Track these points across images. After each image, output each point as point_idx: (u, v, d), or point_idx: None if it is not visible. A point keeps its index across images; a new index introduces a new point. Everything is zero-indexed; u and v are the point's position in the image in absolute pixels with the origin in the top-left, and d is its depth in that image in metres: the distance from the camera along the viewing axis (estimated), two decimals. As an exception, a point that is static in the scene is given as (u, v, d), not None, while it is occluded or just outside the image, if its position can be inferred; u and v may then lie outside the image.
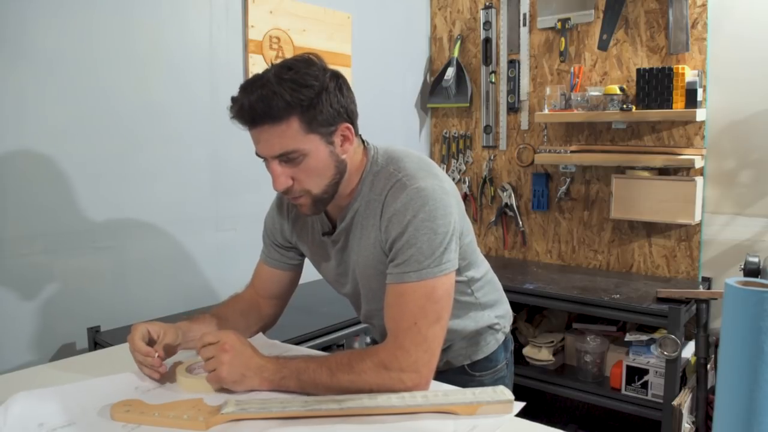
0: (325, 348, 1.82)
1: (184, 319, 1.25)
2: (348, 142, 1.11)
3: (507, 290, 2.33)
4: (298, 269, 1.36)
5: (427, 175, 1.11)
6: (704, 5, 2.27)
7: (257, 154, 1.08)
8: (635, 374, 2.14)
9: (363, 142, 1.19)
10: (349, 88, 1.10)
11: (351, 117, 1.10)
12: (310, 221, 1.26)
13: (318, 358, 1.06)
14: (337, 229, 1.19)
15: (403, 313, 1.04)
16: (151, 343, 1.12)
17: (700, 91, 2.24)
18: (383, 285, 1.13)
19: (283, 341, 1.35)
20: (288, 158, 1.05)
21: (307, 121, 1.03)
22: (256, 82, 1.03)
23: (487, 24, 2.79)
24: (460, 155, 2.96)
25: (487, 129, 2.86)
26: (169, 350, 1.15)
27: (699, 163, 2.27)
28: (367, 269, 1.17)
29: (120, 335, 1.64)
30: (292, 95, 1.01)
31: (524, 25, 2.70)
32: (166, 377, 1.10)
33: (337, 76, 1.08)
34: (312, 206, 1.12)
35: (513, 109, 2.77)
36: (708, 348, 2.05)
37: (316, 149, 1.06)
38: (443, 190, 1.09)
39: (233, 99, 1.05)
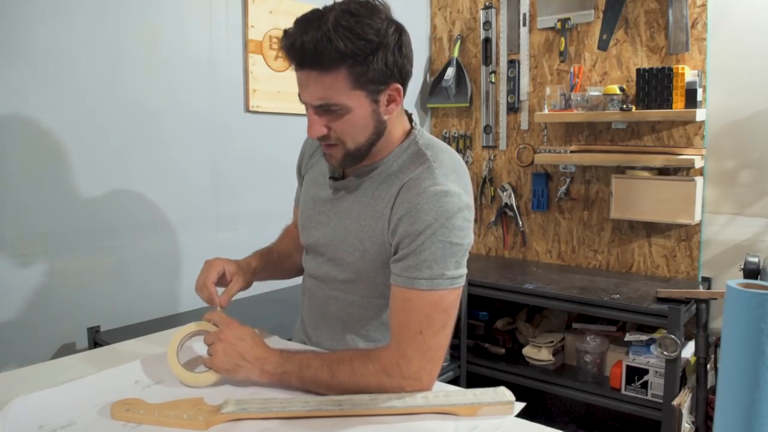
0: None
1: (256, 255, 1.32)
2: (394, 103, 1.05)
3: (507, 290, 2.38)
4: None
5: (458, 179, 1.07)
6: (704, 5, 2.27)
7: (299, 96, 1.04)
8: (635, 374, 2.14)
9: (410, 120, 1.14)
10: (409, 46, 1.05)
11: (404, 78, 1.05)
12: (323, 162, 1.23)
13: (321, 356, 1.05)
14: (345, 179, 1.15)
15: (409, 321, 1.02)
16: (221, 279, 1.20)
17: (699, 91, 2.24)
18: (355, 262, 1.12)
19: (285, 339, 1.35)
20: (328, 110, 1.00)
21: (356, 75, 0.97)
22: (313, 21, 0.96)
23: (487, 24, 2.79)
24: (460, 155, 2.95)
25: (487, 129, 2.86)
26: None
27: (699, 163, 2.27)
28: (353, 239, 1.12)
29: (120, 335, 1.64)
30: (347, 46, 0.94)
31: (524, 25, 2.70)
32: (166, 371, 1.09)
33: (401, 32, 1.02)
34: (342, 159, 1.07)
35: (513, 109, 2.77)
36: (708, 348, 2.05)
37: (359, 106, 1.01)
38: (468, 203, 1.05)
39: (287, 32, 0.99)
